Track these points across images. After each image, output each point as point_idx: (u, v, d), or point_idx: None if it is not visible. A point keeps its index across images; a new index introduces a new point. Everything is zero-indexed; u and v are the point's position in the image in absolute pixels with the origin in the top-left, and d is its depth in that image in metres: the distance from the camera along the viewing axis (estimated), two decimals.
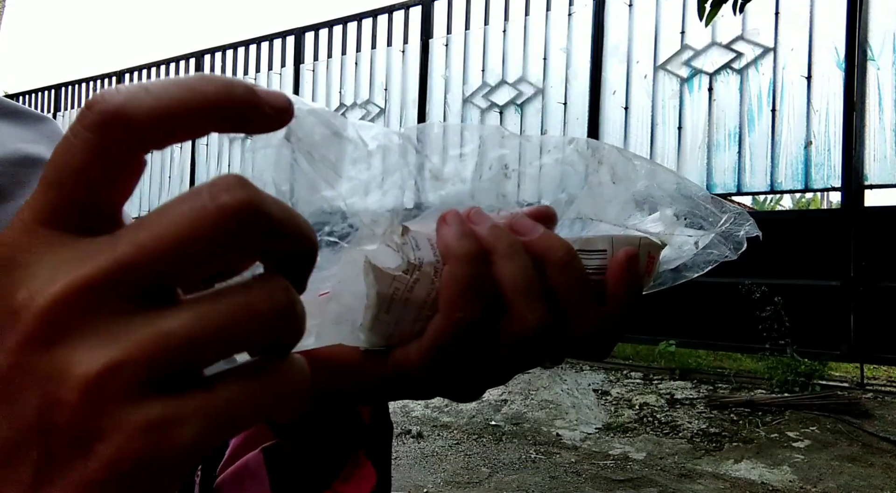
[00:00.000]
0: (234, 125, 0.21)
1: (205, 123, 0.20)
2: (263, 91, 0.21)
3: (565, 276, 0.33)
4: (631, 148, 5.52)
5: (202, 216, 0.19)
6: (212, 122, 0.20)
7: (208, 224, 0.19)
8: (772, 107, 4.95)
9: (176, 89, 0.20)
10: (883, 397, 4.56)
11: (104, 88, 0.18)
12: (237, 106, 0.20)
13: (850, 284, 4.61)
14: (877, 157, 4.57)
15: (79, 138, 0.19)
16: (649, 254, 0.36)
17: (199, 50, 8.58)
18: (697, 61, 5.28)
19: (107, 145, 0.19)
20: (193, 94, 0.20)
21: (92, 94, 4.73)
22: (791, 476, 3.30)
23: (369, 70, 7.11)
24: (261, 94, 0.21)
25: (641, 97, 5.52)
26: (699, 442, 3.80)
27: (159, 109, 0.19)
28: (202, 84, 0.20)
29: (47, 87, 10.21)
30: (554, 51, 6.00)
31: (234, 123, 0.21)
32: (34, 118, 0.54)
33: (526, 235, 0.34)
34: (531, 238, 0.33)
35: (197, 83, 0.20)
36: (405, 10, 6.85)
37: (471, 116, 6.41)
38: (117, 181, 0.20)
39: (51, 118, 0.56)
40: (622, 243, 0.34)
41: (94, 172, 0.19)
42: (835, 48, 4.76)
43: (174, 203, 0.20)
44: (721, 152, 5.13)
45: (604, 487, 3.22)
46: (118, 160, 0.20)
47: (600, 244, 0.34)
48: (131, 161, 0.20)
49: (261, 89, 0.21)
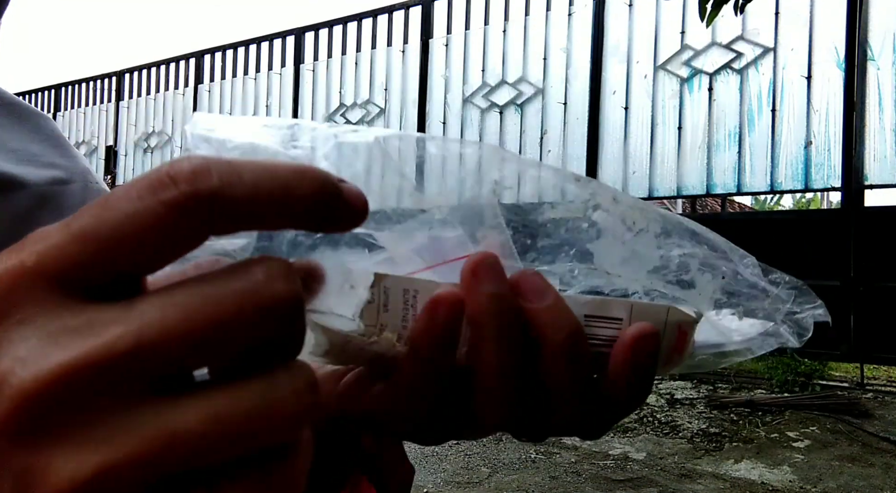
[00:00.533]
0: (309, 227, 0.19)
1: (284, 222, 0.18)
2: (348, 191, 0.20)
3: (561, 364, 0.27)
4: (631, 148, 5.52)
5: (252, 303, 0.17)
6: (290, 222, 0.19)
7: (256, 314, 0.17)
8: (772, 107, 4.95)
9: (271, 183, 0.18)
10: (883, 397, 4.56)
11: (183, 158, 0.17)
12: (323, 212, 0.19)
13: (850, 284, 4.61)
14: (877, 157, 4.57)
15: (148, 209, 0.16)
16: (679, 328, 0.29)
17: (199, 50, 8.58)
18: (697, 61, 5.28)
19: (182, 227, 0.17)
20: (287, 192, 0.18)
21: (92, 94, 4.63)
22: (791, 476, 3.30)
23: (369, 70, 7.11)
24: (347, 197, 0.19)
25: (641, 97, 5.52)
26: (699, 442, 3.80)
27: (252, 202, 0.17)
28: (297, 181, 0.18)
29: (47, 87, 10.21)
30: (554, 51, 5.99)
31: (312, 225, 0.19)
32: (32, 114, 0.51)
33: (531, 302, 0.27)
34: (536, 306, 0.27)
35: (293, 179, 0.18)
36: (405, 10, 6.85)
37: (471, 115, 6.41)
38: (167, 258, 0.17)
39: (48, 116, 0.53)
40: (642, 315, 0.28)
41: (150, 246, 0.17)
42: (835, 48, 4.76)
43: (217, 275, 0.17)
44: (721, 152, 5.13)
45: (604, 487, 3.22)
46: (184, 242, 0.17)
47: (616, 311, 0.28)
48: (195, 243, 0.17)
49: (346, 190, 0.19)
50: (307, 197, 0.18)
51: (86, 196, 0.48)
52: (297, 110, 7.59)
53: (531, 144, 6.03)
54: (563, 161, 5.84)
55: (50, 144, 0.49)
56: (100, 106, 9.62)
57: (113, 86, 9.44)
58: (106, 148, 9.45)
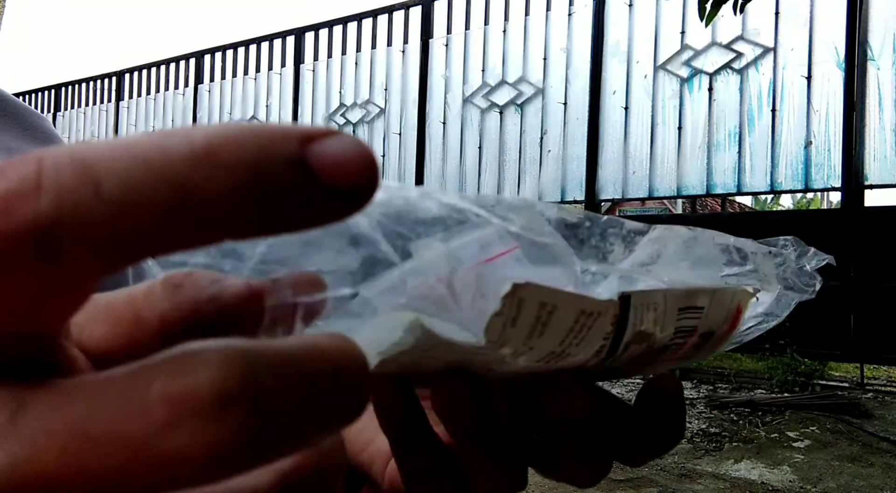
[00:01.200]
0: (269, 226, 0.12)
1: (206, 228, 0.11)
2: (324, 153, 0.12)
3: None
4: (631, 148, 5.52)
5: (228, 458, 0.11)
6: (223, 226, 0.11)
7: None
8: (772, 107, 4.95)
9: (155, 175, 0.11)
10: (883, 397, 4.56)
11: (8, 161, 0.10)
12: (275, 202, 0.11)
13: (850, 284, 4.61)
14: (877, 157, 4.57)
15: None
16: (738, 306, 0.28)
17: (199, 50, 8.58)
18: (697, 61, 5.28)
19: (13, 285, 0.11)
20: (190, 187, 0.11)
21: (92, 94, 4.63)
22: (791, 476, 3.30)
23: (369, 70, 7.11)
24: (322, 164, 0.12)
25: (641, 97, 5.52)
26: (699, 442, 3.80)
27: (128, 223, 0.11)
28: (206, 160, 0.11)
29: (47, 87, 10.21)
30: (554, 51, 6.00)
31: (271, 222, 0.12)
32: (28, 113, 0.50)
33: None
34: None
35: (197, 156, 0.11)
36: (405, 10, 6.85)
37: (471, 115, 6.41)
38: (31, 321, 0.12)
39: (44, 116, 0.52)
40: (719, 301, 0.26)
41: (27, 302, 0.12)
42: (835, 48, 4.76)
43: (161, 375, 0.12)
44: (721, 152, 5.13)
45: (604, 487, 3.22)
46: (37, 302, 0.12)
47: (701, 300, 0.26)
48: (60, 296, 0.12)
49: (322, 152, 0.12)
50: (234, 186, 0.11)
51: None
52: (297, 110, 7.60)
53: (531, 144, 6.03)
54: (563, 161, 5.85)
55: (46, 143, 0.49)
56: (100, 106, 9.62)
57: (113, 86, 9.44)
58: None
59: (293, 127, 0.12)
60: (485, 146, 6.30)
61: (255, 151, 0.11)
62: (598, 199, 5.69)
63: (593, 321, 0.22)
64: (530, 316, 0.21)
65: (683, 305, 0.25)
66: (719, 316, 0.27)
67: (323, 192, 0.12)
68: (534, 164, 6.00)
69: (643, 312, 0.23)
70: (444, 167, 6.51)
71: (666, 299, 0.24)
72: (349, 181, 0.12)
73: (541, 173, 5.97)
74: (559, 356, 0.23)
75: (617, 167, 5.57)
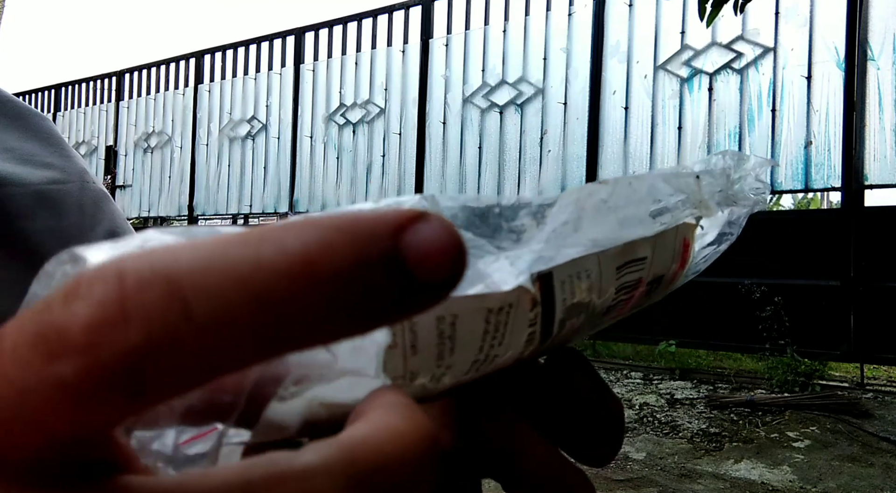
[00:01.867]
0: (357, 328, 0.12)
1: (296, 339, 0.11)
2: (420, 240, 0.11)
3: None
4: (631, 148, 5.52)
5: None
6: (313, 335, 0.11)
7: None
8: (772, 107, 4.95)
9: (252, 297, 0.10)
10: (883, 397, 4.56)
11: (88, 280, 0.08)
12: (369, 297, 0.11)
13: (850, 284, 4.61)
14: (877, 157, 4.57)
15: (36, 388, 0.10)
16: (684, 241, 0.26)
17: (199, 50, 8.58)
18: (697, 61, 5.28)
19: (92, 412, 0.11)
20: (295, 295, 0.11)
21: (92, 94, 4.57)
22: (791, 476, 3.30)
23: (369, 70, 7.11)
24: (415, 249, 0.11)
25: (641, 97, 5.52)
26: (699, 442, 3.80)
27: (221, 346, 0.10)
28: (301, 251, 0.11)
29: (47, 87, 10.21)
30: (554, 51, 6.00)
31: (359, 325, 0.12)
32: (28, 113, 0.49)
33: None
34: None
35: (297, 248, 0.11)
36: (405, 10, 6.85)
37: (471, 115, 6.41)
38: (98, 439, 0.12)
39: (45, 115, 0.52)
40: (662, 246, 0.24)
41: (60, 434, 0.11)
42: (835, 48, 4.76)
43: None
44: None
45: (604, 487, 3.22)
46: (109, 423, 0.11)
47: (642, 250, 0.23)
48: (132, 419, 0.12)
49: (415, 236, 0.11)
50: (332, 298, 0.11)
51: (83, 196, 0.47)
52: (297, 110, 7.60)
53: (531, 144, 6.03)
54: (563, 161, 5.85)
55: (47, 144, 0.49)
56: (100, 106, 9.62)
57: (113, 86, 9.44)
58: (106, 148, 9.45)
59: (385, 215, 0.11)
60: (485, 146, 6.30)
61: (353, 257, 0.11)
62: None
63: (507, 316, 0.19)
64: (431, 336, 0.18)
65: (621, 262, 0.23)
66: (666, 258, 0.25)
67: (415, 288, 0.11)
68: (534, 164, 6.00)
69: (573, 284, 0.21)
70: (444, 167, 6.51)
71: (600, 263, 0.22)
72: (440, 275, 0.11)
73: (541, 173, 5.97)
74: (486, 362, 0.20)
75: (617, 167, 5.57)
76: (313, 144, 7.46)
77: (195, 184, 8.49)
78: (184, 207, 8.60)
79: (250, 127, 8.01)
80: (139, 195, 9.14)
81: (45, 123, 0.51)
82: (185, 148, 8.65)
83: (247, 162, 8.03)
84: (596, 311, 0.23)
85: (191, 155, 8.54)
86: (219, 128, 8.32)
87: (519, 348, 0.21)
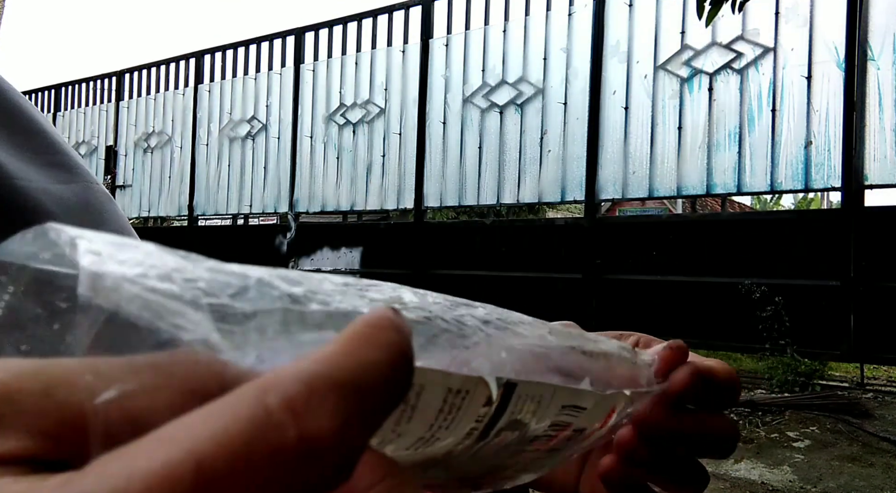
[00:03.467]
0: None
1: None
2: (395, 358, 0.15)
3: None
4: (631, 148, 5.52)
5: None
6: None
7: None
8: (772, 107, 4.95)
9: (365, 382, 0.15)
10: (883, 397, 4.56)
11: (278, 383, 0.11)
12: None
13: (850, 284, 4.61)
14: (877, 157, 4.57)
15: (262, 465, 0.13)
16: (612, 407, 0.28)
17: (199, 50, 8.58)
18: (697, 61, 5.28)
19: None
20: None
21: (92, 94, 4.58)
22: (791, 476, 3.30)
23: (369, 70, 7.11)
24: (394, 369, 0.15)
25: (641, 97, 5.52)
26: None
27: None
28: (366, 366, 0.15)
29: (47, 87, 10.21)
30: (554, 51, 5.99)
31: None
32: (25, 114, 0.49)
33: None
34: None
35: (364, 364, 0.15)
36: (405, 10, 6.85)
37: (471, 115, 6.41)
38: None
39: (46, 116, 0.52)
40: (605, 405, 0.27)
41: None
42: (835, 48, 4.76)
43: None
44: (721, 152, 5.13)
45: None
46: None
47: (586, 401, 0.26)
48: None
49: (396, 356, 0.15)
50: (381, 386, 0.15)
51: (88, 196, 0.48)
52: (298, 110, 7.60)
53: (531, 144, 6.03)
54: (563, 161, 5.85)
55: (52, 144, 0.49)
56: (100, 106, 9.62)
57: (113, 86, 9.44)
58: (106, 148, 9.45)
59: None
60: (485, 146, 6.30)
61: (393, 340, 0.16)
62: (598, 199, 5.69)
63: (461, 401, 0.20)
64: (434, 405, 0.20)
65: (568, 403, 0.25)
66: (596, 416, 0.27)
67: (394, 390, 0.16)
68: (534, 164, 6.00)
69: (525, 402, 0.23)
70: (444, 167, 6.51)
71: (554, 394, 0.24)
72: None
73: (541, 173, 5.97)
74: (427, 442, 0.21)
75: (617, 167, 5.57)
76: (313, 144, 7.46)
77: (195, 184, 8.49)
78: (184, 207, 8.60)
79: (250, 127, 8.01)
80: (139, 195, 9.14)
81: (49, 124, 0.51)
82: (185, 148, 8.64)
83: (247, 162, 8.03)
84: (527, 435, 0.24)
85: (191, 155, 8.54)
86: (219, 128, 8.32)
87: (458, 438, 0.22)
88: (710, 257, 5.11)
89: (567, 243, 5.78)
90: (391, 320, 0.16)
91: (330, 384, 0.14)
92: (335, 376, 0.14)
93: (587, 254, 5.63)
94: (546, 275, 5.82)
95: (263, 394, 0.13)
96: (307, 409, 0.13)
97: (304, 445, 0.13)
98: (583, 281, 5.61)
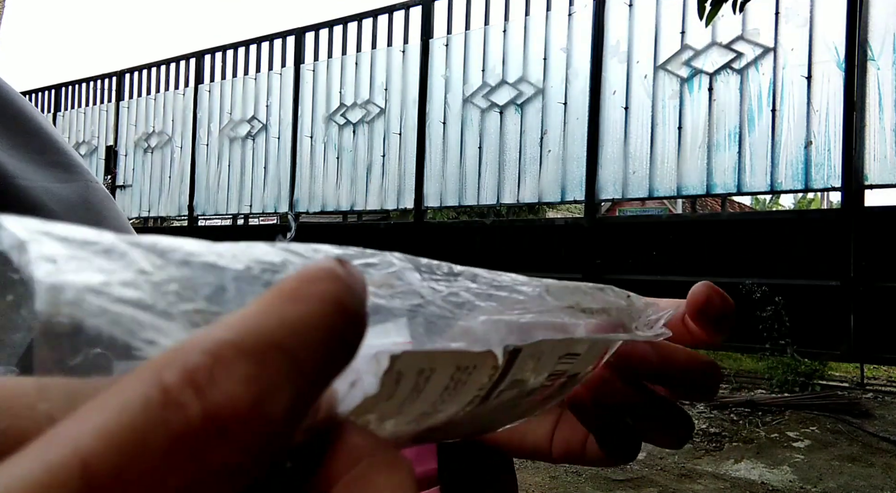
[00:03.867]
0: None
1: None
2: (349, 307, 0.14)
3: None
4: (631, 148, 5.52)
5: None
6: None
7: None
8: (772, 107, 4.95)
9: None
10: (883, 397, 4.56)
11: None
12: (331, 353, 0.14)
13: (850, 284, 4.61)
14: (877, 157, 4.57)
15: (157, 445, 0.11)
16: (605, 350, 0.29)
17: (199, 50, 8.58)
18: (697, 61, 5.28)
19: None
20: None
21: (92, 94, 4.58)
22: (791, 476, 3.30)
23: (369, 70, 7.11)
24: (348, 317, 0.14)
25: (641, 97, 5.52)
26: (699, 442, 3.80)
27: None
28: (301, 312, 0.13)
29: (47, 87, 10.21)
30: (554, 51, 5.99)
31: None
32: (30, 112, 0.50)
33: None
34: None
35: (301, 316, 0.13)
36: (405, 10, 6.85)
37: (471, 115, 6.41)
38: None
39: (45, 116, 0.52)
40: (597, 349, 0.28)
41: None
42: (835, 48, 4.76)
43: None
44: (721, 152, 5.13)
45: (604, 487, 3.22)
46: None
47: (579, 348, 0.26)
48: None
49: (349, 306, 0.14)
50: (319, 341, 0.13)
51: (89, 195, 0.48)
52: (298, 110, 7.60)
53: (531, 144, 6.03)
54: (563, 161, 5.85)
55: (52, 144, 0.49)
56: (100, 106, 9.62)
57: (113, 86, 9.44)
58: (106, 148, 9.45)
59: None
60: (485, 146, 6.30)
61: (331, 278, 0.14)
62: (598, 199, 5.69)
63: (468, 376, 0.20)
64: (408, 387, 0.19)
65: (563, 352, 0.25)
66: (589, 360, 0.28)
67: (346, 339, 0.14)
68: (534, 164, 6.00)
69: (525, 361, 0.22)
70: (444, 167, 6.51)
71: (553, 348, 0.24)
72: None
73: (541, 173, 5.97)
74: (428, 416, 0.20)
75: (617, 167, 5.57)
76: (313, 144, 7.46)
77: (195, 184, 8.49)
78: (184, 207, 8.60)
79: (250, 127, 8.01)
80: (139, 195, 9.14)
81: (48, 124, 0.51)
82: (185, 148, 8.64)
83: (247, 162, 8.03)
84: (525, 389, 0.24)
85: (191, 155, 8.54)
86: (219, 128, 8.32)
87: (460, 407, 0.21)
88: (711, 257, 5.11)
89: (567, 243, 5.78)
90: (327, 270, 0.14)
91: (241, 349, 0.12)
92: (248, 340, 0.12)
93: (587, 254, 5.63)
94: (546, 275, 5.82)
95: (160, 371, 0.12)
96: (211, 380, 0.12)
97: (210, 423, 0.11)
98: (583, 281, 5.61)
